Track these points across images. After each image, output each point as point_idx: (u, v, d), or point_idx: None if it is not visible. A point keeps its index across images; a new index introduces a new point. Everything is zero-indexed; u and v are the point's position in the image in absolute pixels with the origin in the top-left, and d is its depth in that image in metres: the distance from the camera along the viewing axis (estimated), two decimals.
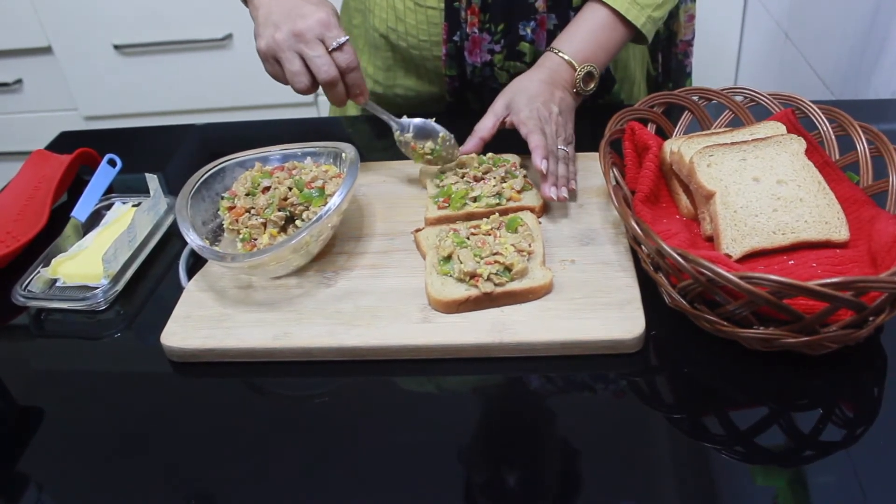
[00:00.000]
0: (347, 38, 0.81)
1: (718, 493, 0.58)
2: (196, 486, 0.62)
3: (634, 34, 0.94)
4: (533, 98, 0.87)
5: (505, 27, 0.98)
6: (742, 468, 0.59)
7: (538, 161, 0.82)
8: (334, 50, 0.80)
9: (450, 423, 0.65)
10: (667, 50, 1.16)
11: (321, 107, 2.11)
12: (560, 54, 0.91)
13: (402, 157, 0.96)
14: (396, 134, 0.90)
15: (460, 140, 0.89)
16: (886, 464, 0.58)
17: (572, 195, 0.86)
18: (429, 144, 0.88)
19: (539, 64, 0.92)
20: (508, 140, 0.89)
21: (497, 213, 0.81)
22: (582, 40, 0.92)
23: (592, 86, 0.93)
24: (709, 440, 0.61)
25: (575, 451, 0.62)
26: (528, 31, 0.98)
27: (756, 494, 0.58)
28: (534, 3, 0.97)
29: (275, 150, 0.86)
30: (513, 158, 0.90)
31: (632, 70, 1.11)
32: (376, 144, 1.07)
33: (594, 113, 0.91)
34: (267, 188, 0.79)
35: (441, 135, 0.88)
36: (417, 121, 0.89)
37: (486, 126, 0.88)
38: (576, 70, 0.90)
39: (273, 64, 0.83)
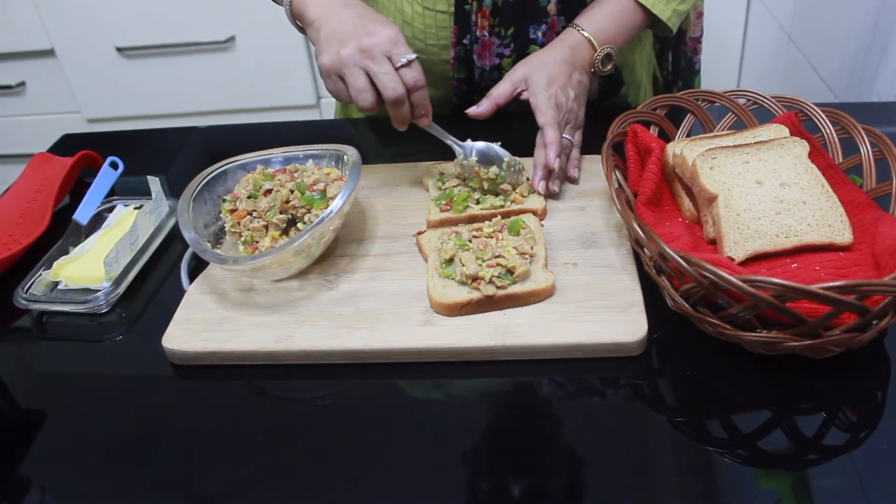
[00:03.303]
0: (416, 56, 0.79)
1: (721, 497, 0.58)
2: (198, 488, 0.62)
3: (651, 21, 0.95)
4: (552, 80, 0.87)
5: (515, 31, 0.98)
6: (745, 472, 0.59)
7: (552, 158, 0.83)
8: (401, 67, 0.78)
9: (451, 427, 0.64)
10: (676, 48, 1.17)
11: (324, 109, 2.11)
12: (582, 32, 0.91)
13: (404, 159, 0.96)
14: (459, 158, 0.86)
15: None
16: (890, 468, 0.57)
17: (574, 181, 0.89)
18: (493, 170, 0.84)
19: (560, 40, 0.92)
20: (512, 141, 0.89)
21: (499, 216, 0.81)
22: (604, 20, 0.92)
23: (610, 67, 0.93)
24: (711, 443, 0.61)
25: (577, 453, 0.62)
26: (539, 34, 0.99)
27: (759, 498, 0.58)
28: (545, 7, 0.97)
29: (277, 153, 0.86)
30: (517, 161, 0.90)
31: (638, 74, 1.12)
32: (379, 147, 1.07)
33: (601, 115, 0.92)
34: (269, 191, 0.79)
35: (506, 160, 0.85)
36: (481, 145, 0.86)
37: (503, 92, 0.88)
38: (596, 50, 0.91)
39: (336, 81, 0.80)
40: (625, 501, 0.57)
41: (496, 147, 0.86)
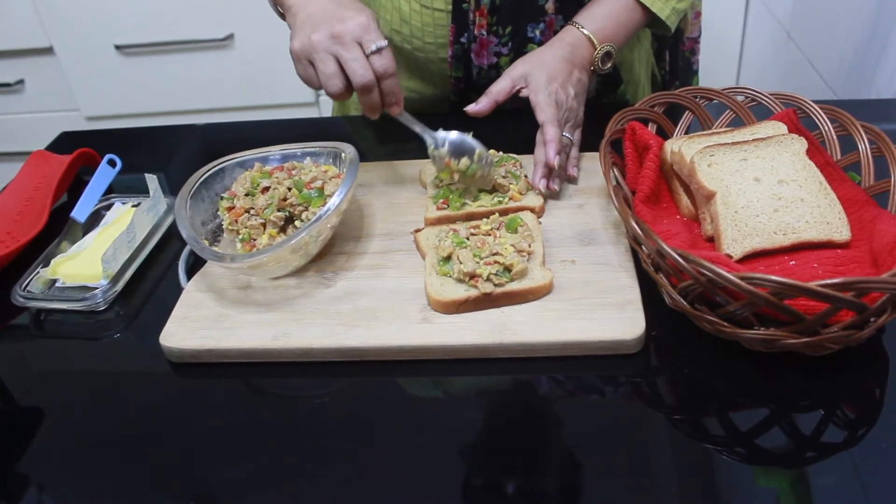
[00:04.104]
0: (386, 43, 0.78)
1: (720, 495, 0.58)
2: (195, 486, 0.62)
3: (651, 19, 0.95)
4: (552, 78, 0.87)
5: (513, 29, 0.98)
6: (743, 469, 0.59)
7: (552, 155, 0.83)
8: (372, 54, 0.77)
9: (449, 424, 0.64)
10: (674, 48, 1.16)
11: (322, 107, 2.11)
12: (582, 30, 0.91)
13: (402, 157, 0.96)
14: (430, 148, 0.84)
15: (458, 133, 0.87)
16: (888, 465, 0.57)
17: (573, 181, 0.88)
18: (464, 161, 0.82)
19: (559, 38, 0.92)
20: (511, 139, 0.89)
21: (497, 213, 0.81)
22: (604, 18, 0.92)
23: (609, 66, 0.93)
24: (709, 441, 0.61)
25: (575, 452, 0.62)
26: (537, 33, 0.98)
27: (758, 496, 0.58)
28: (543, 5, 0.97)
29: (274, 151, 0.86)
30: (515, 158, 0.90)
31: (637, 72, 1.11)
32: (376, 145, 1.07)
33: (599, 112, 0.91)
34: (266, 188, 0.79)
35: (478, 151, 0.82)
36: (454, 135, 0.83)
37: (502, 89, 0.87)
38: (596, 48, 0.91)
39: (306, 65, 0.80)
40: (623, 499, 0.57)
41: (469, 138, 0.84)
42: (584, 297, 0.71)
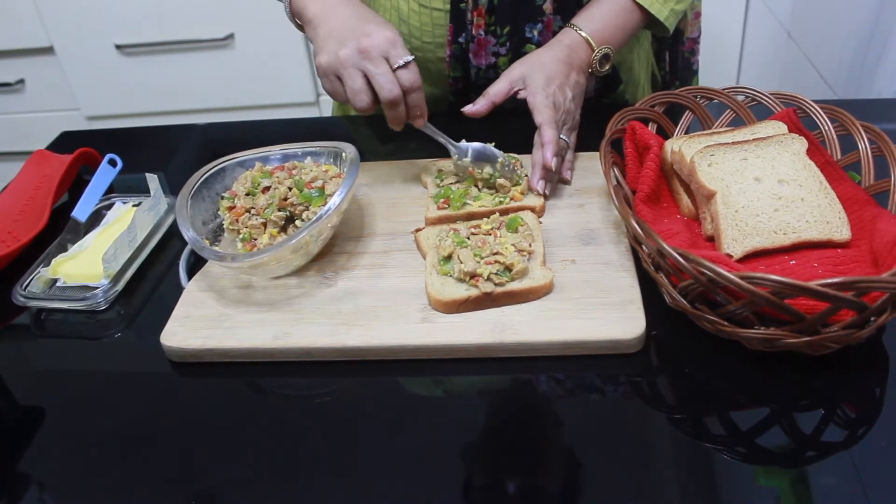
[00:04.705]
0: (413, 57, 0.79)
1: (720, 494, 0.58)
2: (196, 486, 0.62)
3: (649, 21, 0.95)
4: (550, 80, 0.87)
5: (511, 29, 0.98)
6: (743, 469, 0.59)
7: (549, 157, 0.83)
8: (398, 68, 0.79)
9: (450, 424, 0.64)
10: (674, 48, 1.16)
11: (322, 107, 2.11)
12: (580, 32, 0.91)
13: (403, 156, 0.96)
14: (454, 158, 0.87)
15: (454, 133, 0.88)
16: (888, 464, 0.58)
17: (566, 183, 0.89)
18: (487, 170, 0.85)
19: (557, 40, 0.92)
20: (508, 139, 0.89)
21: (498, 213, 0.81)
22: (602, 20, 0.92)
23: (608, 68, 0.93)
24: (710, 440, 0.61)
25: (575, 451, 0.62)
26: (535, 33, 0.98)
27: (758, 495, 0.58)
28: (541, 6, 0.97)
29: (275, 150, 0.86)
30: (516, 158, 0.90)
31: (636, 73, 1.11)
32: (377, 144, 1.07)
33: (598, 112, 0.91)
34: (267, 188, 0.79)
35: (500, 160, 0.85)
36: (476, 145, 0.86)
37: (499, 90, 0.88)
38: (594, 50, 0.91)
39: (333, 81, 0.81)
40: (623, 499, 0.57)
41: (491, 147, 0.86)
42: (585, 296, 0.71)
